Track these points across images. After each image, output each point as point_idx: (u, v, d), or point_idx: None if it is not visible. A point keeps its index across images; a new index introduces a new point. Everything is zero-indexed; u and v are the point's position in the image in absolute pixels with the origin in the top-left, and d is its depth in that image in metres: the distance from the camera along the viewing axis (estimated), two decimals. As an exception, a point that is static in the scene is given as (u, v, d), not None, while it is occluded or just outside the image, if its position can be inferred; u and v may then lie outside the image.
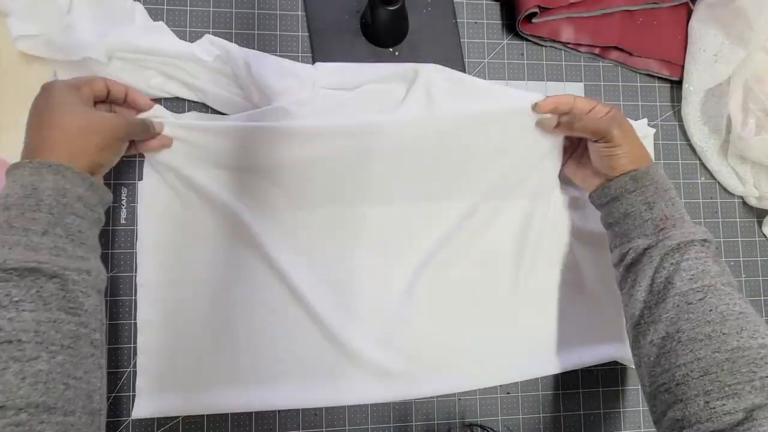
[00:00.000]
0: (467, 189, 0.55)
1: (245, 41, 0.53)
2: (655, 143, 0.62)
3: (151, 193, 0.52)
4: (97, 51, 0.48)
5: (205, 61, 0.51)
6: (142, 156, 0.52)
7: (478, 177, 0.55)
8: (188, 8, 0.55)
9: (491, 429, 0.55)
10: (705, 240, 0.46)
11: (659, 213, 0.47)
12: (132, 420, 0.51)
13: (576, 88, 0.61)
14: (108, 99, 0.48)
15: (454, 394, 0.56)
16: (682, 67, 0.62)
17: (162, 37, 0.51)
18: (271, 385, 0.52)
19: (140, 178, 0.53)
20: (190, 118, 0.53)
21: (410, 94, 0.53)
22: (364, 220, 0.54)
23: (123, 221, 0.53)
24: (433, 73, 0.53)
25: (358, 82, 0.54)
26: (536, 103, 0.53)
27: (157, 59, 0.50)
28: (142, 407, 0.50)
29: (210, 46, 0.52)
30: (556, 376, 0.58)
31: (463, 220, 0.55)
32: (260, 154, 0.51)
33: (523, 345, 0.56)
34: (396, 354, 0.53)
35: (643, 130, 0.60)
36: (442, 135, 0.53)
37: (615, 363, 0.58)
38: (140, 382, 0.51)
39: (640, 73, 0.63)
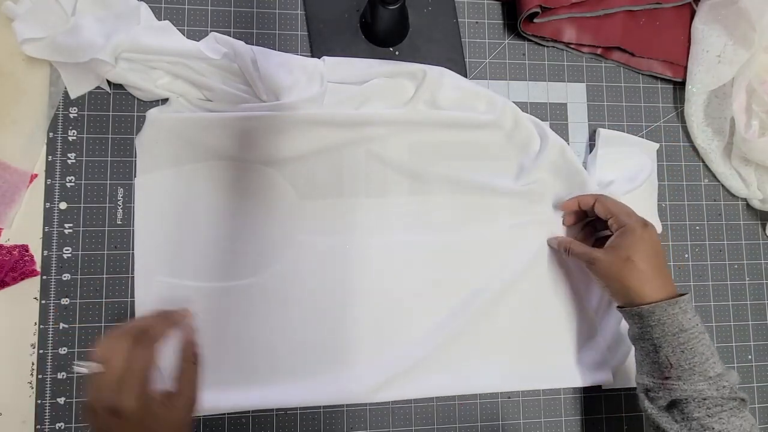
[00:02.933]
0: (460, 190, 0.56)
1: (244, 40, 0.53)
2: (658, 145, 0.61)
3: (148, 190, 0.52)
4: (104, 52, 0.48)
5: (212, 58, 0.51)
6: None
7: (469, 181, 0.56)
8: (186, 6, 0.55)
9: None
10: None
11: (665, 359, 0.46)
12: (127, 423, 0.50)
13: (578, 89, 0.61)
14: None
15: (454, 398, 0.55)
16: (685, 68, 0.61)
17: (169, 36, 0.51)
18: (271, 384, 0.51)
19: (136, 176, 0.52)
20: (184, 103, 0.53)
21: (417, 96, 0.54)
22: (366, 211, 0.54)
23: (119, 221, 0.52)
24: (441, 79, 0.54)
25: (366, 77, 0.54)
26: (560, 204, 0.56)
27: (165, 59, 0.50)
28: None
29: (216, 44, 0.52)
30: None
31: (460, 221, 0.56)
32: (261, 143, 0.51)
33: (522, 353, 0.56)
34: (397, 352, 0.53)
35: (647, 146, 0.60)
36: (438, 133, 0.55)
37: (617, 367, 0.58)
38: None
39: (642, 74, 0.62)
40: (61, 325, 0.51)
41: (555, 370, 0.56)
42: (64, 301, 0.51)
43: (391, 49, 0.57)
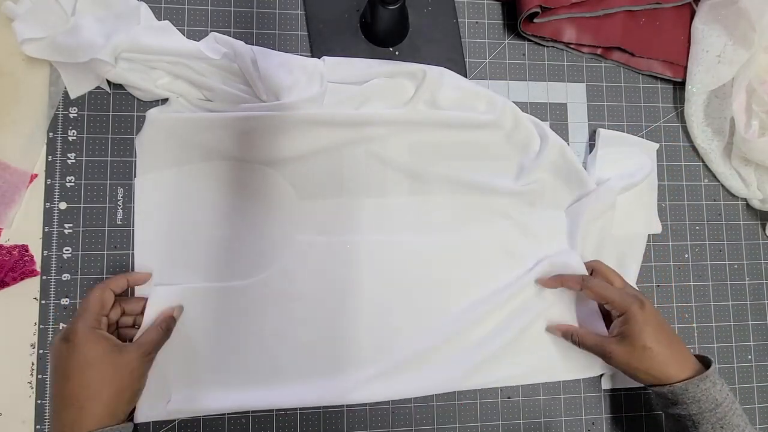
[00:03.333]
0: (460, 190, 0.56)
1: (244, 40, 0.53)
2: (658, 145, 0.61)
3: (148, 190, 0.52)
4: (104, 52, 0.47)
5: (212, 58, 0.51)
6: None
7: (469, 180, 0.56)
8: (186, 6, 0.55)
9: None
10: None
11: None
12: (127, 423, 0.50)
13: (578, 89, 0.61)
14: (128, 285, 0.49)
15: (454, 398, 0.55)
16: (685, 68, 0.61)
17: (169, 36, 0.51)
18: (271, 384, 0.51)
19: (136, 176, 0.52)
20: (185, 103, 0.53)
21: (417, 96, 0.54)
22: (366, 211, 0.54)
23: (119, 221, 0.52)
24: (441, 79, 0.54)
25: (366, 77, 0.54)
26: (541, 279, 0.55)
27: (165, 59, 0.50)
28: (144, 412, 0.49)
29: (216, 44, 0.52)
30: (558, 381, 0.57)
31: (459, 221, 0.56)
32: (261, 143, 0.51)
33: (522, 351, 0.55)
34: (397, 350, 0.53)
35: (647, 146, 0.60)
36: (438, 133, 0.55)
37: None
38: None
39: (642, 74, 0.62)
40: (61, 325, 0.51)
41: (556, 366, 0.56)
42: (64, 301, 0.51)
43: (391, 49, 0.57)
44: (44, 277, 0.51)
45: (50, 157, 0.52)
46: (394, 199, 0.55)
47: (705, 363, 0.49)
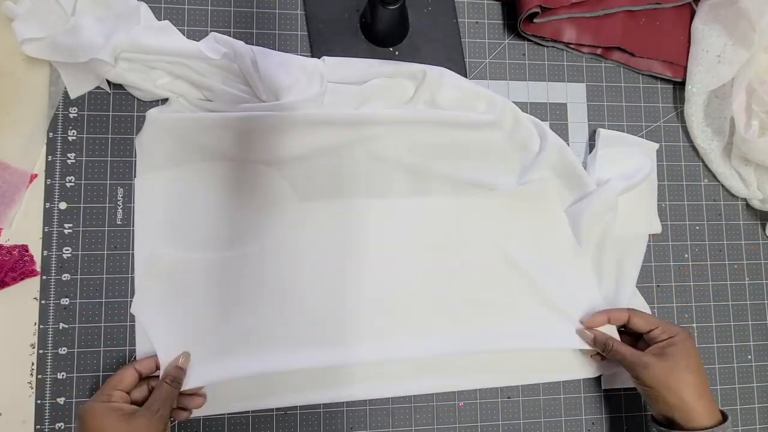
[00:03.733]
0: (460, 190, 0.56)
1: (244, 40, 0.53)
2: (658, 145, 0.61)
3: (148, 190, 0.52)
4: (104, 52, 0.47)
5: (212, 58, 0.51)
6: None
7: (469, 180, 0.56)
8: (186, 6, 0.55)
9: None
10: None
11: None
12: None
13: (578, 89, 0.61)
14: (141, 377, 0.48)
15: (454, 398, 0.55)
16: (685, 68, 0.61)
17: (169, 36, 0.51)
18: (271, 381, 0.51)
19: (136, 176, 0.52)
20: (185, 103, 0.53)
21: (416, 96, 0.54)
22: (367, 211, 0.54)
23: (119, 221, 0.52)
24: (441, 79, 0.54)
25: (366, 77, 0.54)
26: (586, 320, 0.54)
27: (165, 59, 0.50)
28: None
29: (216, 44, 0.52)
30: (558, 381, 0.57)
31: (460, 217, 0.56)
32: (261, 143, 0.51)
33: (524, 346, 0.55)
34: (396, 348, 0.53)
35: (647, 146, 0.60)
36: (438, 133, 0.55)
37: (617, 367, 0.58)
38: None
39: (642, 74, 0.62)
40: (61, 325, 0.51)
41: (560, 364, 0.56)
42: (64, 301, 0.51)
43: (391, 49, 0.57)
44: (44, 277, 0.51)
45: (50, 157, 0.52)
46: (394, 199, 0.55)
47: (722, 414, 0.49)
